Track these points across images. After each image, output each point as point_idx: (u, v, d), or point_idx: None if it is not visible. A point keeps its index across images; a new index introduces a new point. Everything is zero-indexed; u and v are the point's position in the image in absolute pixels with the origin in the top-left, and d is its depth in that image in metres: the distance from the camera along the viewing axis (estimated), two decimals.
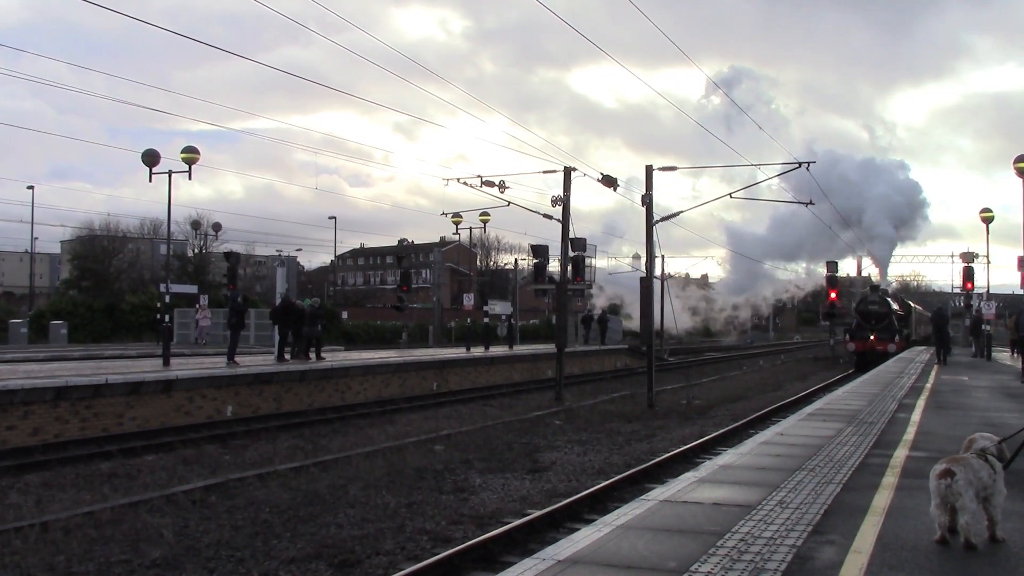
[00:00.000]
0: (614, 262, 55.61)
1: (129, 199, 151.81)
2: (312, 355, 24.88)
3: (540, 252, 27.73)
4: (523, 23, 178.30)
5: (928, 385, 18.94)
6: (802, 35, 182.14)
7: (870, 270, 58.88)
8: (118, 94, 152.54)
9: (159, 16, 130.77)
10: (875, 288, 42.43)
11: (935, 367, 26.47)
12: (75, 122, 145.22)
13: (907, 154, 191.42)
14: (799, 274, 62.22)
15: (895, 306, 41.70)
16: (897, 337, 38.51)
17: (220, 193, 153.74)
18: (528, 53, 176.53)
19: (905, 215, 52.78)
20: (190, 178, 22.98)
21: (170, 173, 22.45)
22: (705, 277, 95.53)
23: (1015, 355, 29.95)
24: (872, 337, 38.42)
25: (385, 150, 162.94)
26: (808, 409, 13.74)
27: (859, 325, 39.66)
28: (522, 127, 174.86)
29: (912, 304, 55.53)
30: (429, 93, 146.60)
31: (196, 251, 68.83)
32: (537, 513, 10.38)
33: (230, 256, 26.76)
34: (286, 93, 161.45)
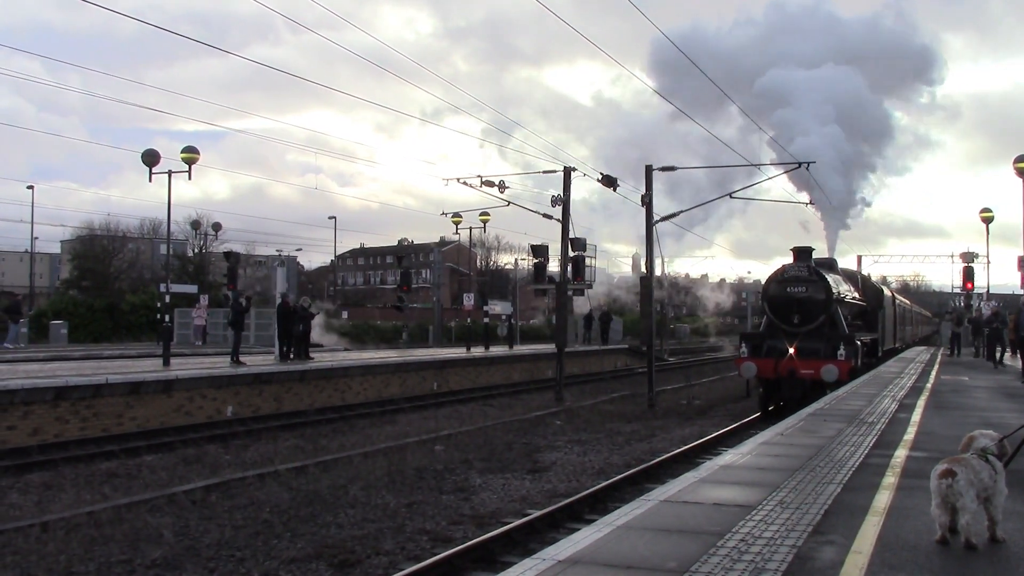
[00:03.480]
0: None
1: (116, 198, 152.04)
2: (312, 355, 24.90)
3: (540, 252, 27.72)
4: (490, 21, 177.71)
5: (928, 385, 18.93)
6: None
7: (871, 268, 56.50)
8: (95, 94, 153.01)
9: (127, 13, 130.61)
10: (803, 253, 22.02)
11: (936, 367, 26.45)
12: (54, 120, 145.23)
13: (890, 153, 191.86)
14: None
15: (845, 289, 23.35)
16: (843, 350, 20.02)
17: (206, 193, 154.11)
18: (500, 51, 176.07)
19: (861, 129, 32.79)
20: (190, 178, 23.00)
21: (170, 173, 22.46)
22: (705, 277, 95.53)
23: (1015, 355, 29.92)
24: (791, 351, 20.19)
25: (371, 147, 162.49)
26: (809, 409, 13.74)
27: (769, 325, 21.46)
28: (507, 120, 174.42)
29: (888, 291, 33.62)
30: (412, 85, 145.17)
31: (196, 251, 68.79)
32: (537, 513, 10.39)
33: (230, 256, 26.75)
34: (261, 93, 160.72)
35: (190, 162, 22.41)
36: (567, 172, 25.66)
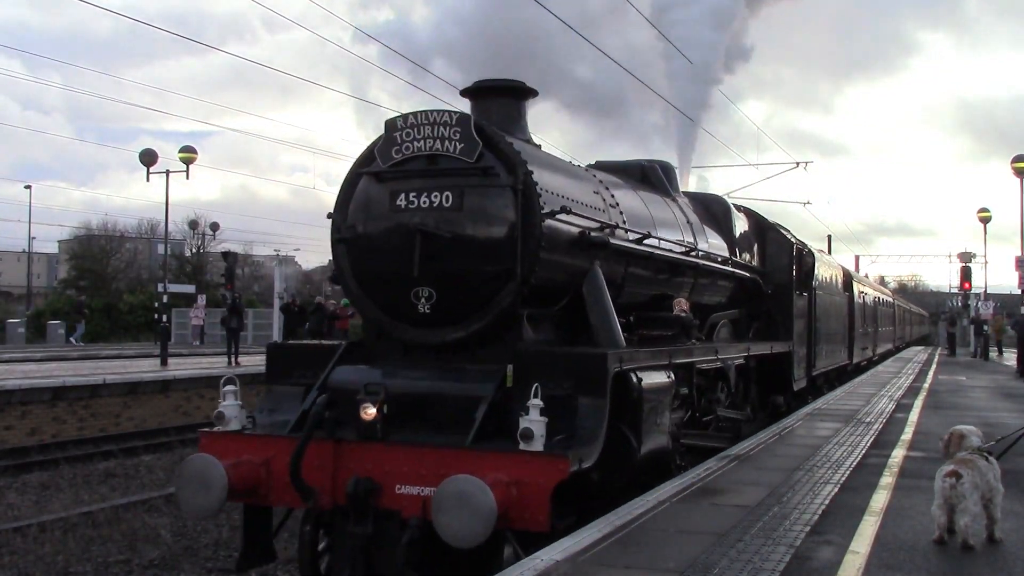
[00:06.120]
0: None
1: (107, 198, 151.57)
2: None
3: None
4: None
5: (926, 385, 18.94)
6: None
7: (869, 268, 55.75)
8: (78, 93, 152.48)
9: (102, 14, 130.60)
10: (474, 97, 7.39)
11: (933, 367, 26.47)
12: (39, 119, 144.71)
13: (880, 152, 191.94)
14: None
15: (675, 224, 9.42)
16: (536, 417, 5.51)
17: (195, 192, 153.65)
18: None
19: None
20: (188, 178, 23.01)
21: (168, 173, 22.47)
22: None
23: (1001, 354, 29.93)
24: (370, 413, 5.77)
25: (358, 144, 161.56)
26: (806, 409, 13.73)
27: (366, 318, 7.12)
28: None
29: (836, 267, 19.27)
30: (394, 77, 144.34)
31: (193, 251, 68.66)
32: None
33: (227, 256, 26.76)
34: (241, 92, 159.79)
35: (188, 162, 22.42)
36: None
